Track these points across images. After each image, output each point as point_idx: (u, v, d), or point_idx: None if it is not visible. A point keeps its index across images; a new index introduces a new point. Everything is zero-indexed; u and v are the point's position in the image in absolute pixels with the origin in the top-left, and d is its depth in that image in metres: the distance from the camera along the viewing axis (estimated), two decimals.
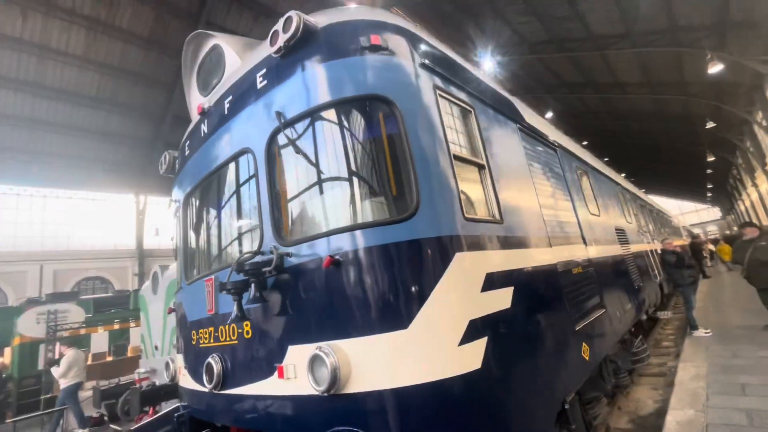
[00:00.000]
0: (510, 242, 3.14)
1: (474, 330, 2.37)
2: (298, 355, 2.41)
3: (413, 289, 2.29)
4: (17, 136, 20.55)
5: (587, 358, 3.78)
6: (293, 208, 2.73)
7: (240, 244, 3.13)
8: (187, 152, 3.88)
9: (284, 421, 2.39)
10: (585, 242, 4.96)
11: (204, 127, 3.58)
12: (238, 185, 3.12)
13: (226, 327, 2.92)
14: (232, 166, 3.20)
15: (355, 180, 2.58)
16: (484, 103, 3.61)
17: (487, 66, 26.15)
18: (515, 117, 4.25)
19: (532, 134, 4.58)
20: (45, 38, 18.10)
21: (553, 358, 3.12)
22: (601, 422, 5.58)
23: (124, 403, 6.87)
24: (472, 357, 2.30)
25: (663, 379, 7.22)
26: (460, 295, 2.40)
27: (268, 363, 2.57)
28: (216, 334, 3.06)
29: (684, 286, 8.37)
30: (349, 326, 2.30)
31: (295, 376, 2.39)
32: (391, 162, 2.57)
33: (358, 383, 2.21)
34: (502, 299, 2.74)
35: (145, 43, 20.31)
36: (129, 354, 11.84)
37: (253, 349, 2.71)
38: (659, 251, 9.06)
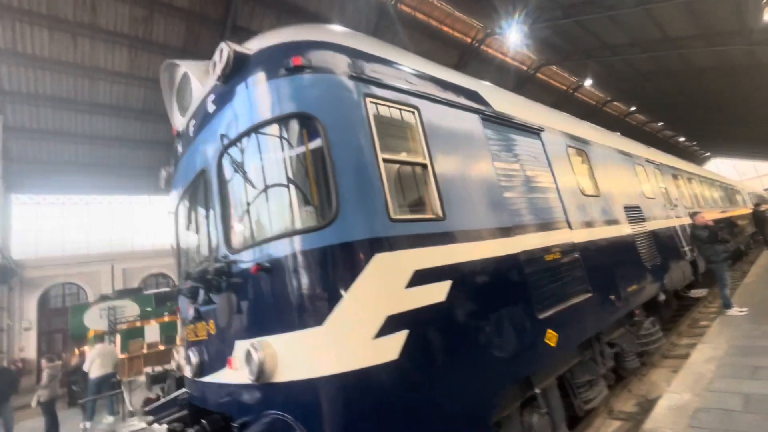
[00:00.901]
0: (453, 237, 3.26)
1: (392, 324, 2.58)
2: (241, 349, 2.76)
3: (328, 290, 2.54)
4: (81, 151, 22.92)
5: (553, 344, 3.81)
6: (238, 221, 3.05)
7: (209, 252, 3.53)
8: (172, 169, 4.36)
9: (234, 405, 2.77)
10: (570, 226, 4.88)
11: (179, 148, 4.01)
12: (205, 200, 3.51)
13: (199, 325, 3.35)
14: (199, 182, 3.58)
15: (286, 193, 2.85)
16: (433, 100, 3.69)
17: (513, 38, 25.00)
18: (478, 108, 4.26)
19: (501, 122, 4.55)
20: (94, 59, 19.88)
21: (497, 347, 3.23)
22: (601, 405, 5.54)
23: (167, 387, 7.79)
24: (387, 349, 2.52)
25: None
26: (378, 293, 2.61)
27: (223, 356, 2.96)
28: (195, 331, 3.51)
29: (716, 262, 7.81)
30: (275, 324, 2.60)
31: (240, 367, 2.75)
32: (315, 174, 2.80)
33: (284, 374, 2.52)
34: (434, 293, 2.90)
35: (179, 54, 21.62)
36: (178, 343, 13.22)
37: (215, 343, 3.11)
38: (691, 226, 8.48)
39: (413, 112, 3.44)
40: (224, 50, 2.96)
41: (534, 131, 5.08)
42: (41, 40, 18.76)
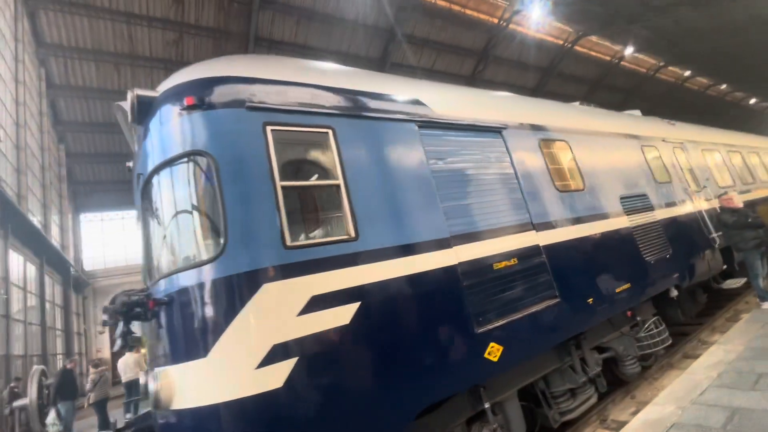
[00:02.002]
0: (367, 257, 3.23)
1: (279, 353, 2.64)
2: (155, 375, 2.97)
3: (212, 322, 2.66)
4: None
5: (495, 358, 3.66)
6: (154, 255, 3.26)
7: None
8: None
9: (159, 428, 2.97)
10: (535, 228, 4.61)
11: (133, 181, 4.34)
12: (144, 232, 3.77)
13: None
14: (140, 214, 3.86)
15: (184, 229, 3.00)
16: (353, 117, 3.65)
17: (542, 11, 23.58)
18: (415, 114, 4.14)
19: (446, 126, 4.38)
20: (135, 84, 21.57)
21: (412, 368, 3.16)
22: (594, 414, 5.22)
23: None
24: (271, 378, 2.58)
25: None
26: (263, 323, 2.68)
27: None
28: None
29: (746, 250, 6.95)
30: (175, 355, 2.77)
31: None
32: (208, 210, 2.92)
33: (180, 401, 2.68)
34: (335, 318, 2.92)
35: None
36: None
37: (149, 369, 3.37)
38: (718, 210, 7.60)
39: (327, 133, 3.44)
40: (129, 96, 3.16)
41: (493, 130, 4.83)
42: (89, 72, 20.71)
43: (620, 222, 5.77)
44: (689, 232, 7.14)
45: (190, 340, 2.69)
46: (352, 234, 3.24)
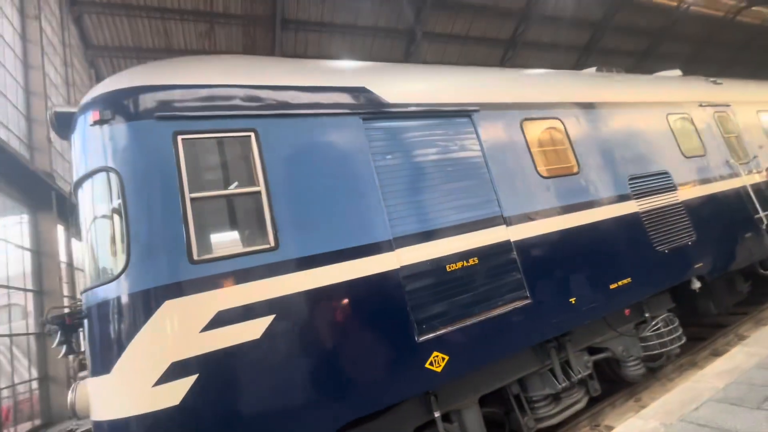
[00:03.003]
0: (288, 267, 3.10)
1: (176, 371, 2.63)
2: (73, 387, 3.09)
3: (115, 340, 2.69)
4: None
5: (439, 368, 3.42)
6: (85, 268, 3.37)
7: None
8: None
9: None
10: (507, 222, 4.19)
11: None
12: None
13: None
14: None
15: (99, 244, 3.05)
16: (281, 116, 3.45)
17: None
18: (360, 105, 3.83)
19: (400, 115, 4.03)
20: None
21: (339, 380, 3.04)
22: (587, 419, 4.83)
23: None
24: (168, 395, 2.59)
25: None
26: (162, 340, 2.67)
27: None
28: None
29: None
30: (90, 368, 2.87)
31: None
32: (115, 226, 2.93)
33: (96, 414, 2.79)
34: (243, 332, 2.85)
35: None
36: None
37: None
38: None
39: (249, 136, 3.29)
40: (47, 114, 3.21)
41: (460, 113, 4.39)
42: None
43: (624, 208, 5.09)
44: (726, 213, 6.17)
45: (99, 356, 2.77)
46: (272, 243, 3.11)
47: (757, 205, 6.47)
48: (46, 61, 15.04)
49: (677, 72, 8.18)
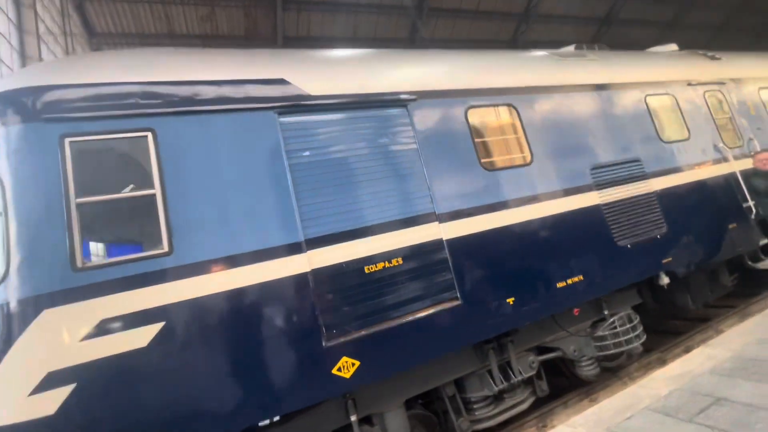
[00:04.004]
0: (182, 272, 3.02)
1: (54, 380, 2.62)
2: None
3: None
4: None
5: (347, 374, 3.31)
6: None
7: None
8: None
9: None
10: (439, 219, 3.97)
11: None
12: None
13: None
14: None
15: None
16: (182, 114, 3.31)
17: None
18: (275, 100, 3.64)
19: (324, 107, 3.82)
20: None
21: (233, 387, 2.98)
22: (534, 419, 4.69)
23: None
24: (43, 405, 2.59)
25: None
26: (39, 349, 2.65)
27: None
28: None
29: None
30: None
31: None
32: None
33: None
34: (127, 341, 2.81)
35: (244, 42, 23.12)
36: None
37: None
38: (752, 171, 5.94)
39: (145, 137, 3.18)
40: None
41: (395, 104, 4.13)
42: None
43: (583, 200, 4.76)
44: (709, 203, 5.72)
45: None
46: (166, 248, 3.03)
47: (747, 193, 5.97)
48: (46, 51, 15.27)
49: (673, 47, 7.55)
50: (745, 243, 5.92)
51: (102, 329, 2.76)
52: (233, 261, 3.19)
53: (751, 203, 5.94)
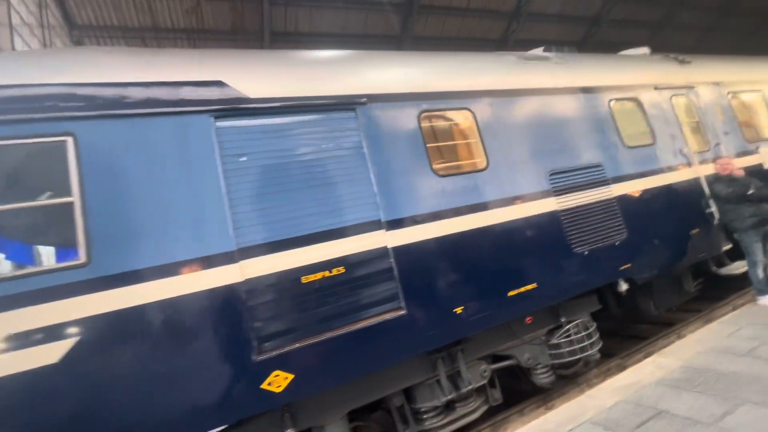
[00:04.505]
0: (100, 284, 2.89)
1: None
2: None
3: None
4: None
5: (279, 388, 3.22)
6: None
7: None
8: None
9: None
10: (386, 227, 3.87)
11: None
12: None
13: None
14: None
15: None
16: (106, 117, 3.16)
17: None
18: (211, 103, 3.51)
19: (265, 111, 3.69)
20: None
21: (152, 402, 2.88)
22: (487, 428, 4.63)
23: None
24: None
25: None
26: None
27: None
28: None
29: (740, 230, 5.39)
30: None
31: None
32: None
33: None
34: (36, 357, 2.68)
35: (231, 36, 22.79)
36: None
37: None
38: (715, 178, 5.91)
39: (64, 141, 3.03)
40: None
41: (343, 107, 4.01)
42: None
43: (539, 206, 4.68)
44: (672, 208, 5.68)
45: None
46: (82, 259, 2.90)
47: (710, 199, 5.94)
48: (20, 44, 14.90)
49: (644, 50, 7.48)
50: (708, 249, 5.89)
51: (7, 346, 2.63)
52: (159, 271, 3.07)
53: (714, 209, 5.90)
